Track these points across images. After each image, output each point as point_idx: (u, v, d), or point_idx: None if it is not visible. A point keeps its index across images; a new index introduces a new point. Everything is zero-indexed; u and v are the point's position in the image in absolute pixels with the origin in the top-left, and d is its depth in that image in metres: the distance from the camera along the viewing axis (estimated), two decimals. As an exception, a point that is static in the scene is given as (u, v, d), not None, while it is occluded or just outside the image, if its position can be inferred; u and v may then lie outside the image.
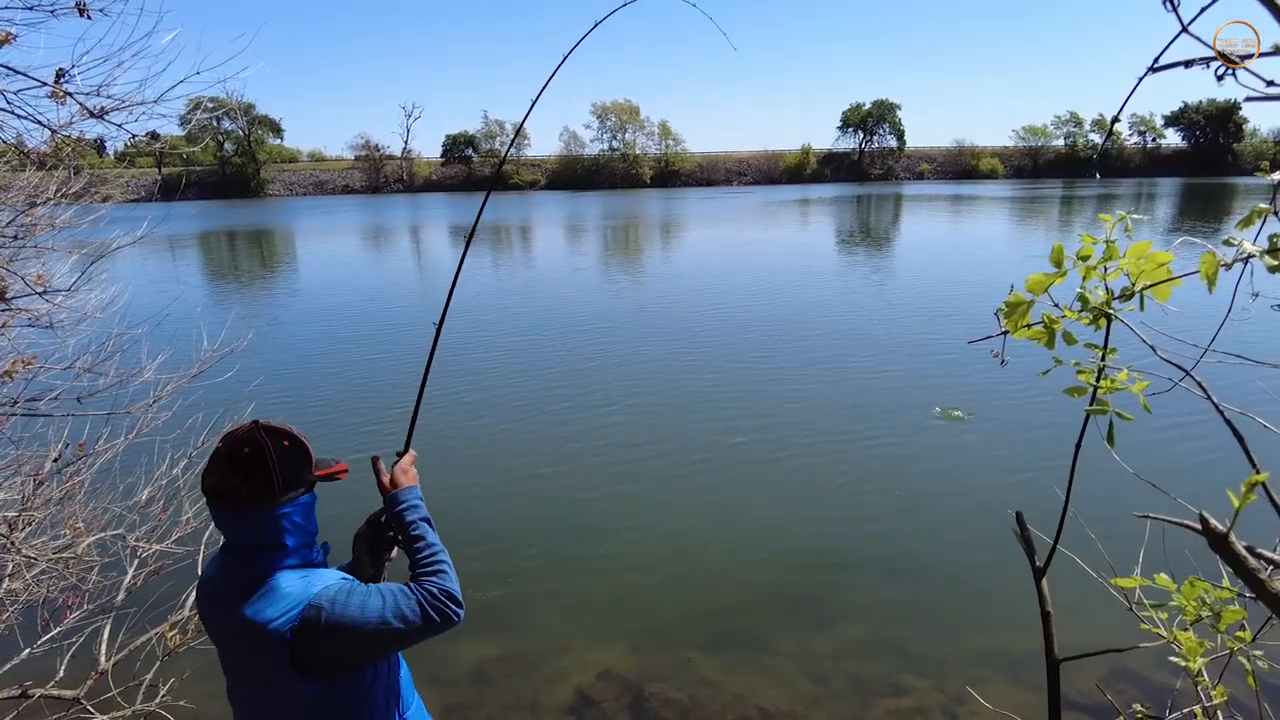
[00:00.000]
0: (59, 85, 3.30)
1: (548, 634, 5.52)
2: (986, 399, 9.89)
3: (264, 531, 1.74)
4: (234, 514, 1.72)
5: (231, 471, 1.71)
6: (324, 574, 1.80)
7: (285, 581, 1.72)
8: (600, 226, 40.28)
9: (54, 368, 3.96)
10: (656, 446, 8.79)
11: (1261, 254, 1.44)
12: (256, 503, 1.71)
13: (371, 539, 2.07)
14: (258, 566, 1.74)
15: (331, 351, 13.85)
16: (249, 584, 1.73)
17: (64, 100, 3.39)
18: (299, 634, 1.67)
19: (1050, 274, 1.54)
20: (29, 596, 3.92)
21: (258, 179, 76.52)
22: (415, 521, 1.94)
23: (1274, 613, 1.06)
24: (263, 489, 1.72)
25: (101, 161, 3.70)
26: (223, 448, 1.74)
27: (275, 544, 1.75)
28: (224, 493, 1.71)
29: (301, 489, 1.80)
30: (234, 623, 1.72)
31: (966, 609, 5.72)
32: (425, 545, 1.90)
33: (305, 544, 1.81)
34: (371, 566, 2.09)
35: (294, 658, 1.67)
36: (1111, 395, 1.58)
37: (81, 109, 3.45)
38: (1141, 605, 1.77)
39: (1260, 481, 0.93)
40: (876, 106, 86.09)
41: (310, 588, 1.72)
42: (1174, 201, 48.87)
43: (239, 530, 1.74)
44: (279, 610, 1.68)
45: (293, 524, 1.77)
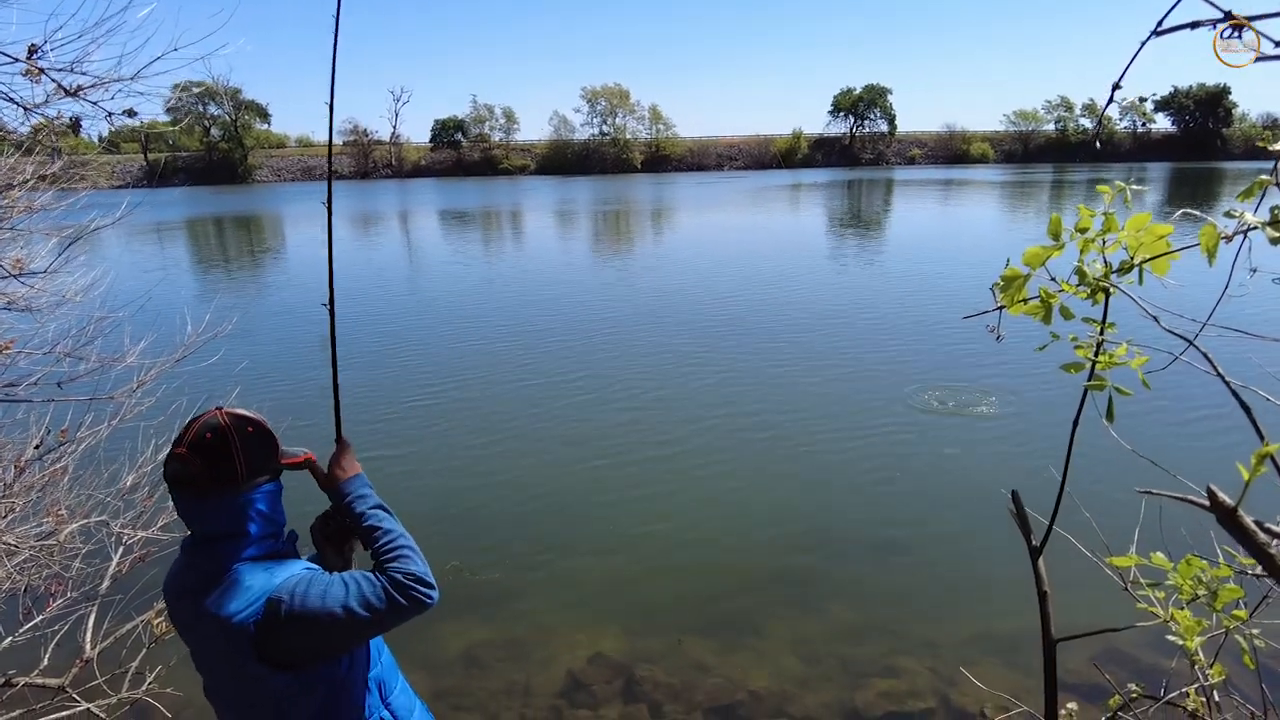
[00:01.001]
0: (32, 61, 3.22)
1: (538, 618, 5.51)
2: (981, 381, 9.90)
3: (228, 520, 1.68)
4: (197, 501, 1.67)
5: (195, 457, 1.65)
6: (289, 565, 1.74)
7: (247, 574, 1.67)
8: (591, 213, 40.09)
9: (34, 352, 3.89)
10: (648, 431, 8.76)
11: (1263, 225, 1.40)
12: (220, 490, 1.66)
13: (327, 532, 2.00)
14: (220, 559, 1.68)
15: (318, 337, 13.75)
16: (211, 578, 1.67)
17: (38, 78, 3.31)
18: (262, 627, 1.62)
19: (1048, 247, 1.51)
20: (11, 585, 3.86)
21: (245, 165, 75.81)
22: (365, 512, 1.84)
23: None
24: (227, 476, 1.67)
25: (79, 143, 3.61)
26: (185, 434, 1.69)
27: (238, 532, 1.69)
28: (187, 479, 1.65)
29: (266, 476, 1.75)
30: (200, 618, 1.67)
31: (958, 591, 5.73)
32: (383, 533, 1.80)
33: (270, 533, 1.76)
34: (338, 558, 2.03)
35: (259, 651, 1.63)
36: (1109, 371, 1.55)
37: (57, 87, 3.37)
38: (1138, 585, 1.75)
39: (1270, 453, 0.90)
40: (867, 91, 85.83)
41: (272, 579, 1.67)
42: (1163, 186, 49.00)
43: (202, 519, 1.69)
44: (241, 604, 1.63)
45: (257, 512, 1.71)
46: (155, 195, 50.16)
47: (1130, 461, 1.86)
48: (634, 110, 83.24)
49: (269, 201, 51.96)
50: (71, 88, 3.39)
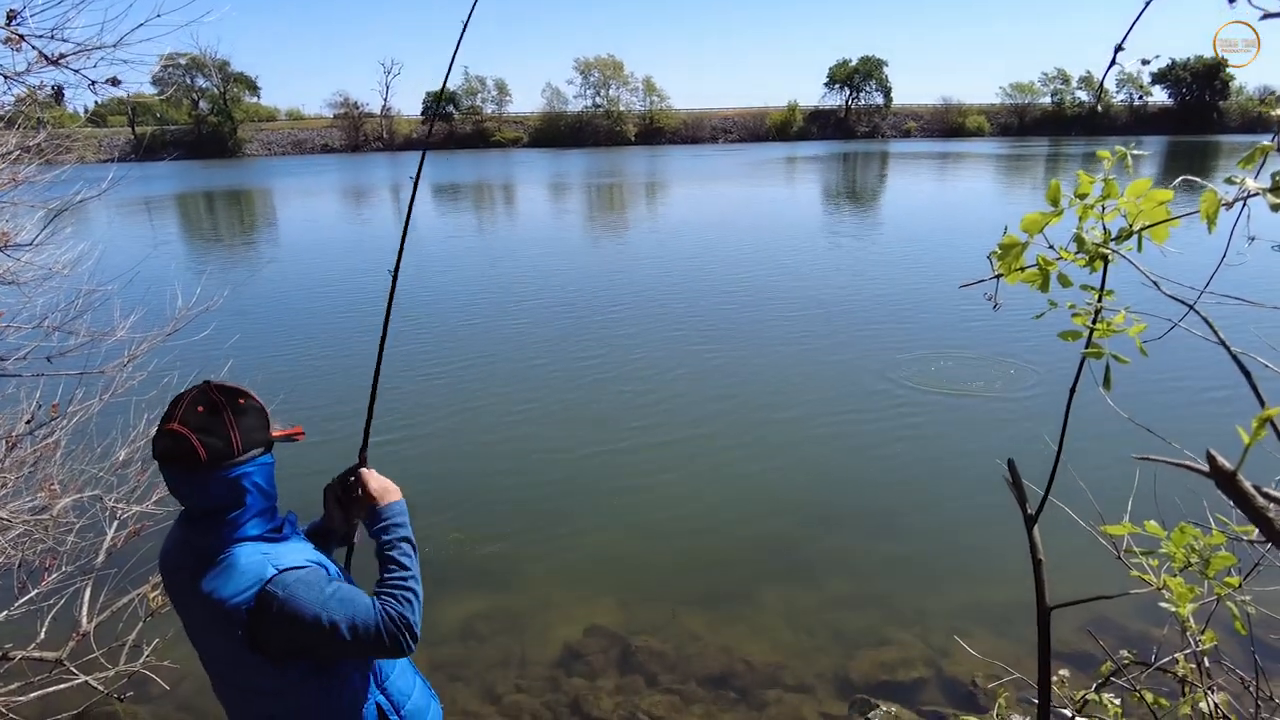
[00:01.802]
0: (11, 28, 3.16)
1: (535, 591, 5.54)
2: (979, 352, 9.92)
3: (223, 494, 1.65)
4: (191, 476, 1.63)
5: (188, 432, 1.61)
6: (287, 550, 1.72)
7: (244, 556, 1.64)
8: (585, 186, 39.80)
9: (23, 327, 3.86)
10: (644, 406, 8.77)
11: (1264, 191, 1.39)
12: (215, 464, 1.62)
13: (340, 496, 2.00)
14: (217, 536, 1.66)
15: (310, 310, 13.69)
16: (207, 557, 1.65)
17: (19, 46, 3.24)
18: (254, 615, 1.60)
19: (1047, 213, 1.49)
20: (4, 560, 3.86)
21: (235, 138, 74.80)
22: (394, 541, 1.84)
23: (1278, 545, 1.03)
24: (221, 449, 1.63)
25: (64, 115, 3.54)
26: (175, 409, 1.65)
27: (235, 506, 1.67)
28: (181, 455, 1.61)
29: (260, 449, 1.72)
30: (194, 597, 1.66)
31: (949, 563, 5.78)
32: (399, 568, 1.80)
33: (266, 509, 1.73)
34: (343, 524, 2.03)
35: (251, 637, 1.61)
36: (1107, 340, 1.54)
37: (39, 55, 3.30)
38: (1131, 553, 1.75)
39: (1270, 416, 0.89)
40: (863, 63, 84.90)
41: (268, 567, 1.64)
42: (1159, 160, 48.84)
43: (196, 495, 1.66)
44: (236, 588, 1.61)
45: (253, 484, 1.69)
46: (144, 169, 49.52)
47: (1125, 430, 1.86)
48: (627, 82, 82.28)
49: (259, 176, 51.41)
50: (53, 55, 3.33)
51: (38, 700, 3.75)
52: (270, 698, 1.70)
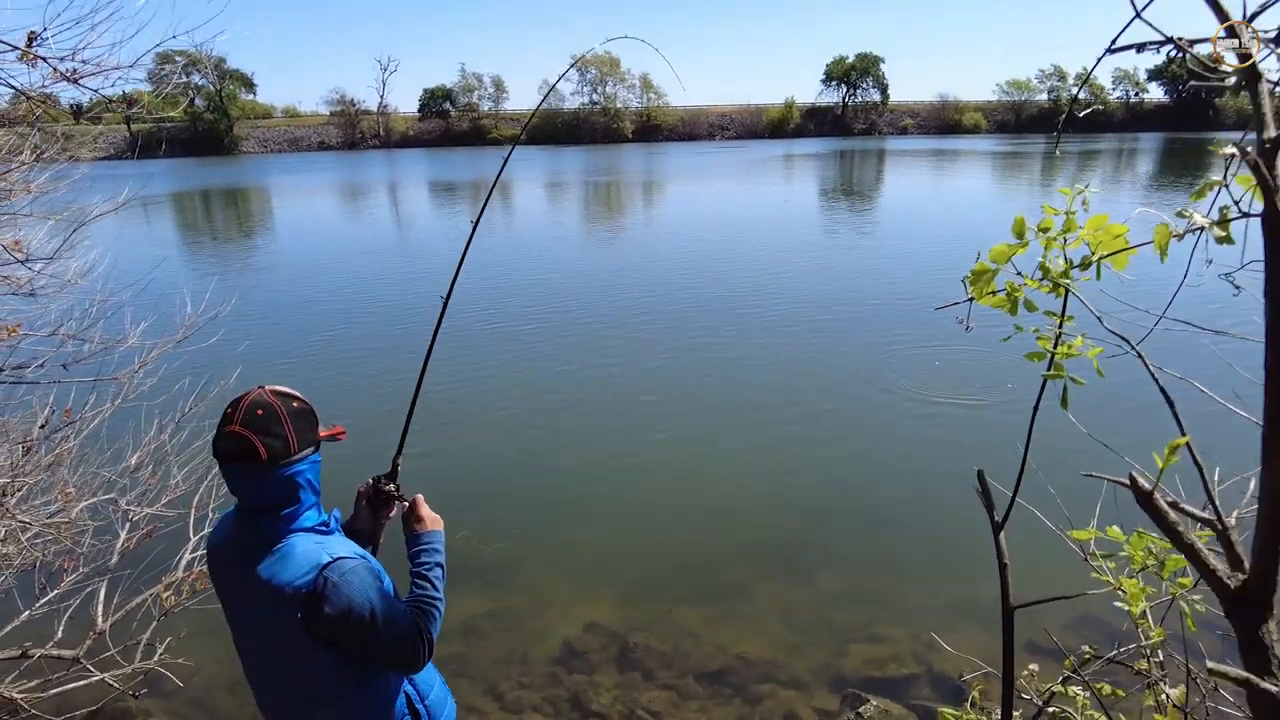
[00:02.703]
0: (31, 50, 3.27)
1: (535, 589, 5.67)
2: (971, 361, 10.05)
3: (281, 490, 1.79)
4: (252, 475, 1.77)
5: (249, 433, 1.75)
6: (337, 542, 1.87)
7: (300, 545, 1.79)
8: (584, 185, 39.88)
9: (37, 333, 3.97)
10: (640, 406, 8.90)
11: (1211, 225, 1.52)
12: (274, 463, 1.76)
13: (372, 498, 2.16)
14: (273, 529, 1.80)
15: (316, 314, 13.78)
16: (264, 546, 1.79)
17: (35, 63, 3.36)
18: (311, 598, 1.73)
19: (1013, 245, 1.62)
20: (23, 561, 3.98)
21: (231, 136, 74.72)
22: (431, 564, 2.05)
23: (1188, 559, 1.16)
24: (280, 449, 1.77)
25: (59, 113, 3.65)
26: (235, 412, 1.79)
27: (290, 501, 1.81)
28: (243, 454, 1.75)
29: (311, 448, 1.86)
30: (251, 585, 1.78)
31: (940, 561, 5.91)
32: (431, 588, 2.00)
33: (316, 504, 1.89)
34: (371, 523, 2.18)
35: (308, 621, 1.74)
36: (1068, 360, 1.67)
37: (55, 73, 3.41)
38: (1097, 556, 1.88)
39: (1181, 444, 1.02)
40: (860, 60, 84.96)
41: (323, 554, 1.78)
42: (1155, 157, 49.01)
43: (256, 491, 1.80)
44: (296, 573, 1.74)
45: (306, 481, 1.84)
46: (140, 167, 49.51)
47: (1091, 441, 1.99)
48: (624, 79, 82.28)
49: (257, 174, 51.40)
50: (69, 73, 3.45)
51: (56, 697, 3.87)
52: (317, 682, 1.83)
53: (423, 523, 2.13)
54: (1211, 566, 1.14)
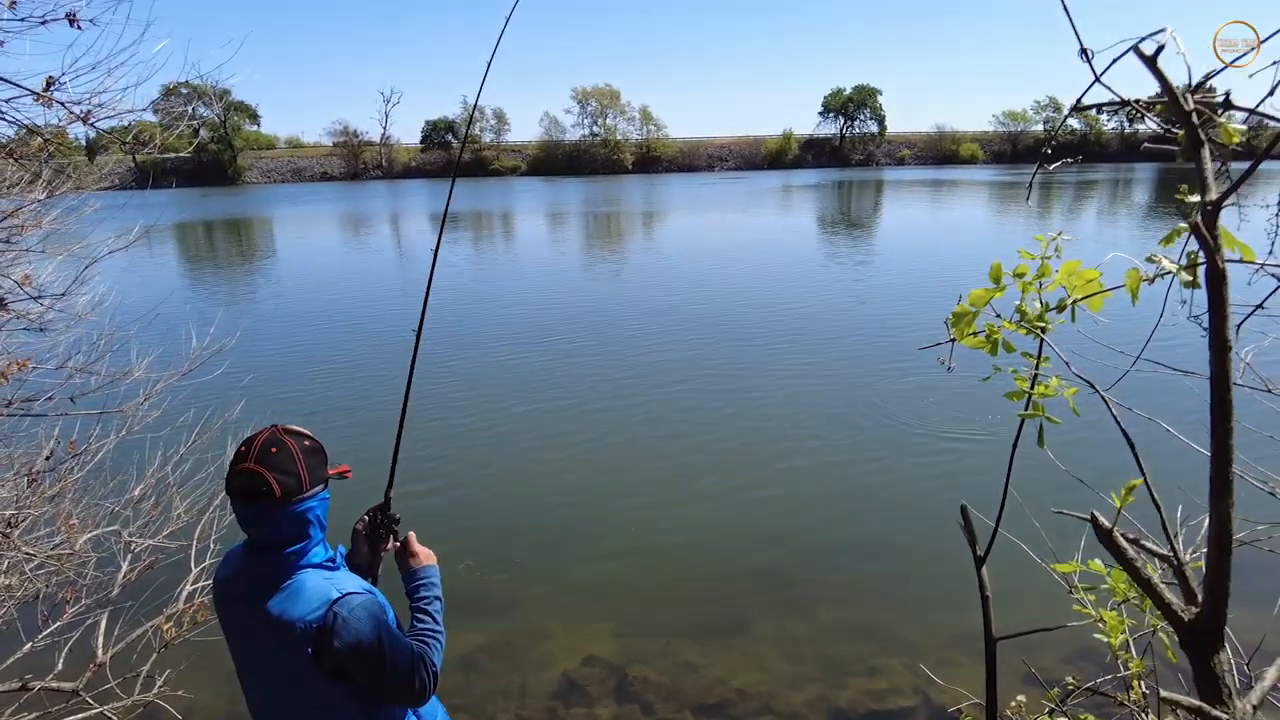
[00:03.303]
0: (48, 94, 3.37)
1: (534, 621, 5.68)
2: (973, 393, 10.11)
3: (293, 527, 1.85)
4: (265, 512, 1.82)
5: (264, 471, 1.80)
6: (345, 577, 1.92)
7: (310, 581, 1.84)
8: (584, 215, 40.21)
9: (45, 365, 4.04)
10: (638, 437, 8.94)
11: (1179, 270, 1.60)
12: (287, 500, 1.82)
13: (369, 533, 2.21)
14: (283, 564, 1.85)
15: (319, 347, 13.86)
16: (273, 582, 1.83)
17: (51, 105, 3.46)
18: (321, 632, 1.78)
19: (990, 289, 1.70)
20: (25, 592, 4.01)
21: (234, 166, 75.53)
22: (430, 598, 2.13)
23: (1145, 592, 1.21)
24: (293, 486, 1.83)
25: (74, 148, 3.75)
26: (248, 450, 1.84)
27: (301, 537, 1.86)
28: (257, 492, 1.80)
29: (321, 485, 1.92)
30: (260, 620, 1.82)
31: (939, 593, 5.92)
32: (432, 621, 2.08)
33: (323, 540, 1.94)
34: (370, 557, 2.23)
35: (318, 657, 1.79)
36: (1050, 399, 1.74)
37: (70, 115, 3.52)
38: (1079, 588, 1.93)
39: (1136, 485, 1.08)
40: (857, 92, 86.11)
41: (333, 589, 1.84)
42: (1150, 187, 49.45)
43: (268, 527, 1.84)
44: (307, 608, 1.79)
45: (316, 518, 1.90)
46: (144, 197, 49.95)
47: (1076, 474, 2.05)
48: (624, 111, 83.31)
49: (260, 204, 51.82)
50: (83, 114, 3.55)
51: (55, 730, 3.88)
52: (324, 715, 1.87)
53: (417, 558, 2.20)
54: (1167, 600, 1.19)
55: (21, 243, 4.01)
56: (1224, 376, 1.13)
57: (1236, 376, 1.83)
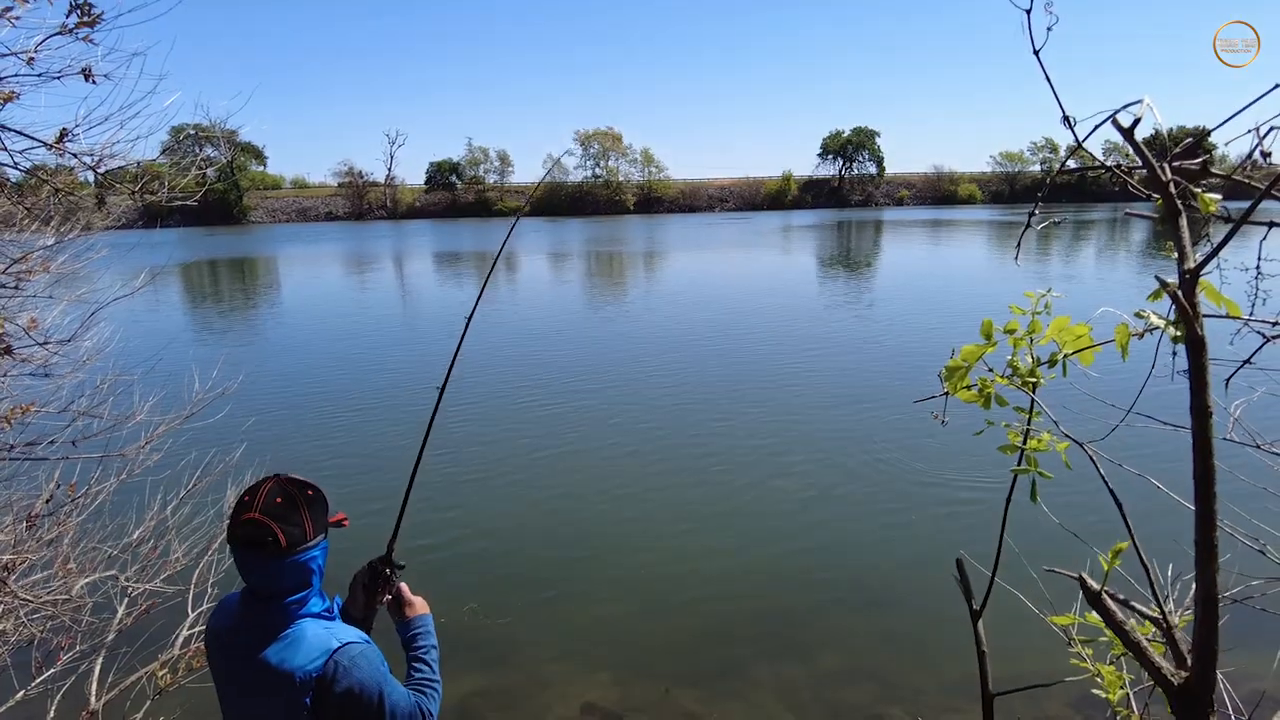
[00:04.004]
0: (61, 145, 3.45)
1: (531, 667, 5.61)
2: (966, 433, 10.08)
3: (295, 576, 1.85)
4: (270, 561, 1.81)
5: (270, 521, 1.81)
6: (342, 628, 1.92)
7: (310, 630, 1.83)
8: (587, 254, 40.54)
9: (49, 409, 4.06)
10: (636, 482, 8.91)
11: (1167, 325, 1.62)
12: (292, 550, 1.82)
13: (369, 583, 2.20)
14: (283, 614, 1.84)
15: (322, 391, 13.87)
16: (272, 631, 1.83)
17: (62, 154, 3.54)
18: (321, 682, 1.77)
19: (981, 345, 1.72)
20: (19, 638, 3.97)
21: (240, 205, 76.41)
22: (426, 647, 2.14)
23: (1135, 656, 1.22)
24: (298, 536, 1.83)
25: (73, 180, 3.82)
26: (252, 499, 1.84)
27: (303, 586, 1.86)
28: (262, 542, 1.80)
29: (323, 534, 1.92)
30: (258, 670, 1.81)
31: (942, 640, 5.84)
32: (429, 669, 2.09)
33: (321, 589, 1.94)
34: (364, 609, 2.21)
35: (316, 705, 1.78)
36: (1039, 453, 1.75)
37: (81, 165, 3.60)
38: (1077, 641, 1.93)
39: (1123, 548, 1.10)
40: (856, 134, 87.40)
41: (332, 639, 1.83)
42: (1148, 226, 49.78)
43: (271, 577, 1.83)
44: (307, 658, 1.78)
45: (318, 567, 1.90)
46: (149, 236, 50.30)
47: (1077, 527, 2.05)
48: (626, 153, 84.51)
49: (265, 244, 52.28)
50: (94, 164, 3.63)
51: (44, 780, 3.82)
52: None
53: (412, 607, 2.20)
54: (1156, 664, 1.19)
55: (29, 287, 4.07)
56: (1206, 443, 1.15)
57: (1226, 432, 1.85)
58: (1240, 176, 1.26)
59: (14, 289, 3.95)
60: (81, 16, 3.29)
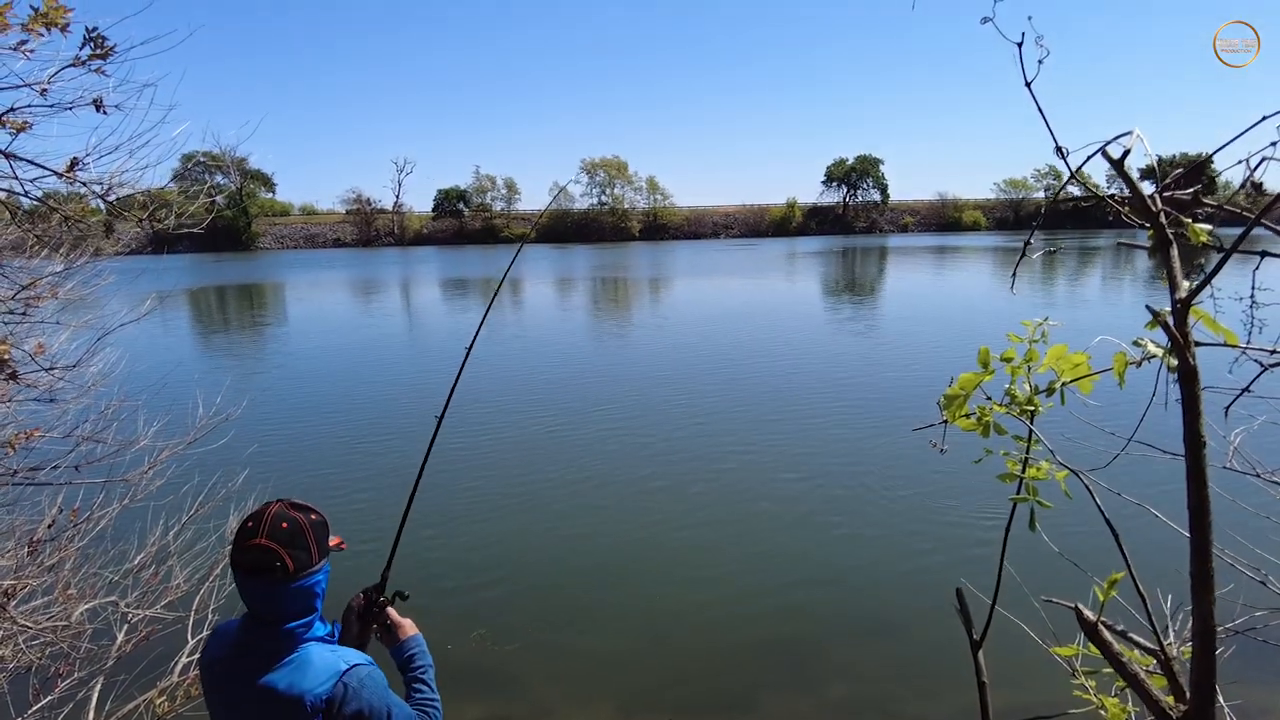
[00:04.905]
0: (71, 174, 3.50)
1: (534, 696, 5.55)
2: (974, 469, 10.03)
3: (299, 601, 1.84)
4: (276, 586, 1.81)
5: (277, 547, 1.81)
6: (349, 650, 1.92)
7: (316, 654, 1.83)
8: (593, 280, 40.71)
9: (53, 434, 4.07)
10: (641, 509, 8.87)
11: (1164, 355, 1.62)
12: (298, 574, 1.82)
13: (363, 611, 2.20)
14: (289, 638, 1.84)
15: (325, 417, 13.89)
16: (276, 656, 1.82)
17: (73, 182, 3.58)
18: (330, 704, 1.77)
19: (978, 374, 1.72)
20: (18, 664, 3.95)
21: (249, 232, 77.06)
22: (424, 667, 2.16)
23: (1132, 688, 1.20)
24: (304, 561, 1.83)
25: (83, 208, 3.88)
26: (256, 525, 1.83)
27: (308, 611, 1.86)
28: (269, 567, 1.80)
29: (325, 558, 1.93)
30: (260, 697, 1.79)
31: (948, 668, 5.77)
32: (428, 689, 2.11)
33: (322, 613, 1.94)
34: (358, 637, 2.20)
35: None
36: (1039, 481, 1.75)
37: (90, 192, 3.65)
38: (1079, 673, 1.91)
39: (1119, 579, 1.09)
40: (860, 161, 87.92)
41: (340, 662, 1.83)
42: (1151, 254, 49.76)
43: (277, 602, 1.83)
44: (315, 680, 1.78)
45: (321, 590, 1.90)
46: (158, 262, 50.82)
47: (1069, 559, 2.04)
48: (632, 181, 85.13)
49: (273, 270, 52.65)
50: (103, 193, 3.67)
51: (40, 810, 3.77)
52: None
53: (403, 629, 2.21)
54: (1155, 697, 1.18)
55: (37, 313, 4.10)
56: (1200, 473, 1.14)
57: (1226, 460, 1.84)
58: (1231, 206, 1.27)
59: (22, 314, 3.99)
60: (95, 49, 3.36)
